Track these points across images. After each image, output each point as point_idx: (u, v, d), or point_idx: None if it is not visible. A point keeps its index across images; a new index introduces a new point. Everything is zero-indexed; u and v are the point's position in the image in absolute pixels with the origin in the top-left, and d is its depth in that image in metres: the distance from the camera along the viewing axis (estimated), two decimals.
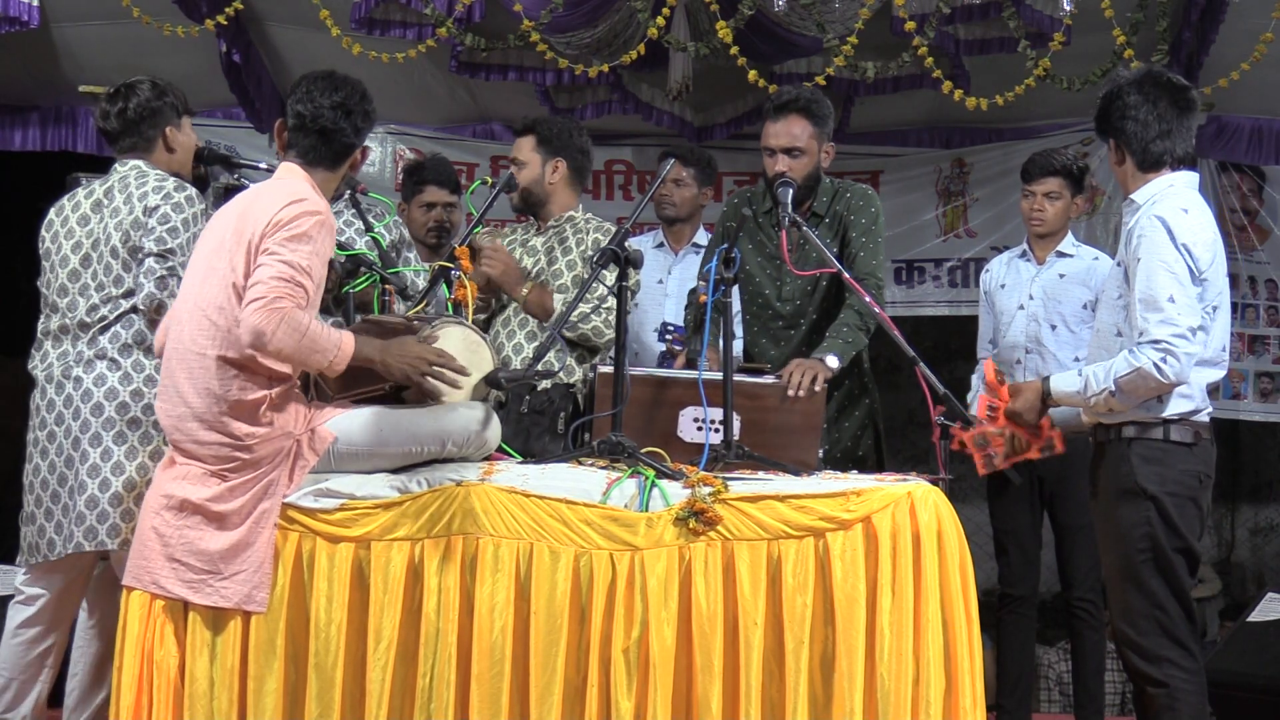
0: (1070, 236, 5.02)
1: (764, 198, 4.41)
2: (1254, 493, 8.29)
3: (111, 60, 5.96)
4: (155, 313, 3.80)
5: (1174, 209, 3.47)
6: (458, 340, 3.46)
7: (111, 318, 3.84)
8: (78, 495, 3.76)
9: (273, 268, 3.12)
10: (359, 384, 3.40)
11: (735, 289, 4.54)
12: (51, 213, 4.05)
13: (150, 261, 3.82)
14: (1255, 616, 5.20)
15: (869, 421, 4.41)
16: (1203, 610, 3.93)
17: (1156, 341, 3.37)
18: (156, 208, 3.85)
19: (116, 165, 4.04)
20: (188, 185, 3.99)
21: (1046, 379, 3.63)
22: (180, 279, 3.79)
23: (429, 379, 3.29)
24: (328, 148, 3.41)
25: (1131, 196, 3.63)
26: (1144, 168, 3.58)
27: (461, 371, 3.34)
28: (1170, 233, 3.43)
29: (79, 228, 3.93)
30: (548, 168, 4.54)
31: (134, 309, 3.85)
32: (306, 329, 3.10)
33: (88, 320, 3.84)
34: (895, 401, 7.34)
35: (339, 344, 3.19)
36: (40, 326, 3.96)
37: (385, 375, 3.31)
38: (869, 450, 4.39)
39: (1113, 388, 3.42)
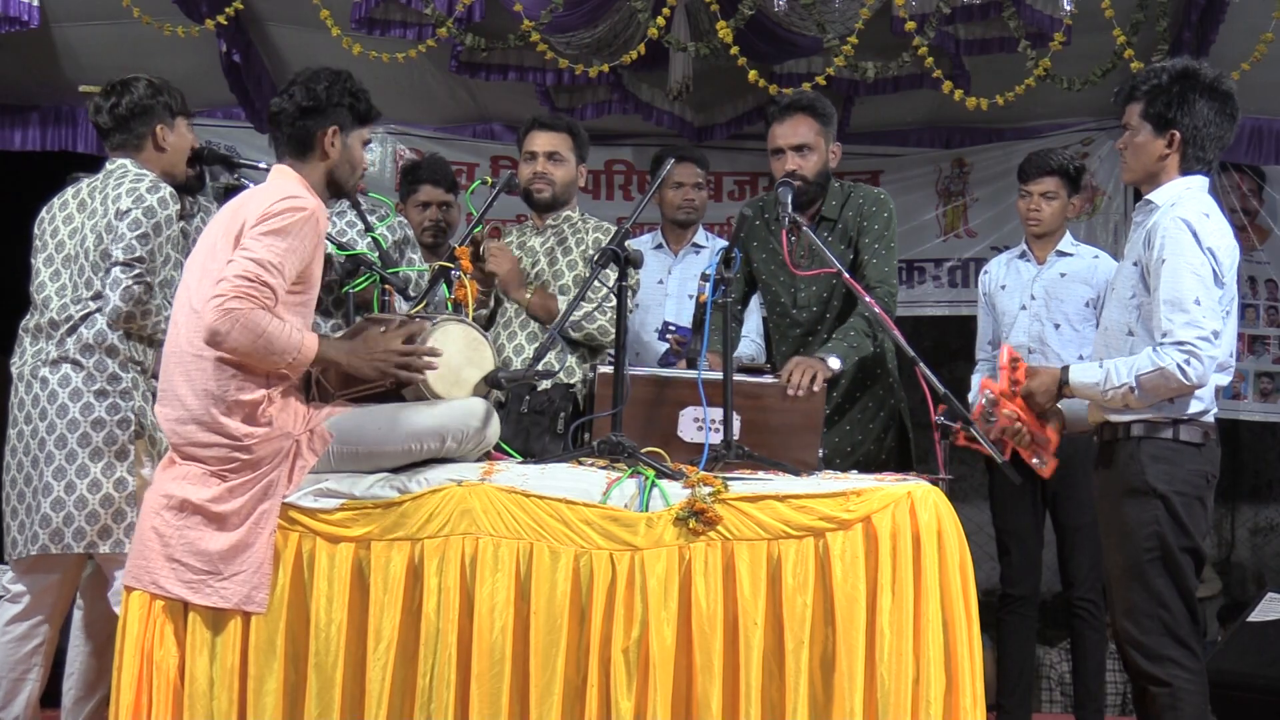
0: (1069, 235, 5.03)
1: (774, 204, 4.40)
2: (1254, 493, 8.29)
3: (111, 60, 5.97)
4: (123, 322, 3.80)
5: (1196, 213, 3.47)
6: (458, 338, 3.46)
7: (77, 318, 3.84)
8: (43, 497, 3.77)
9: (239, 264, 3.11)
10: (360, 381, 3.40)
11: (757, 298, 4.57)
12: (44, 210, 4.05)
13: (116, 271, 3.80)
14: (1255, 616, 5.20)
15: (892, 423, 4.39)
16: (1203, 610, 3.92)
17: (1181, 343, 3.37)
18: (127, 211, 3.83)
19: (106, 163, 4.03)
20: (163, 186, 3.95)
21: (1066, 367, 3.63)
22: (149, 285, 3.80)
23: (403, 371, 3.30)
24: (286, 137, 3.41)
25: (1149, 197, 3.62)
26: (1185, 168, 3.57)
27: (432, 354, 3.33)
28: (1196, 236, 3.43)
29: (64, 227, 3.94)
30: (579, 170, 4.60)
31: (98, 310, 3.84)
32: (263, 330, 3.09)
33: (56, 319, 3.85)
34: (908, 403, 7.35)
35: (299, 346, 3.18)
36: (23, 323, 3.97)
37: (357, 376, 3.31)
38: (891, 453, 4.37)
39: (1133, 384, 3.42)
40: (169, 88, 4.09)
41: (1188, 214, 3.45)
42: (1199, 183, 3.58)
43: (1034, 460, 3.70)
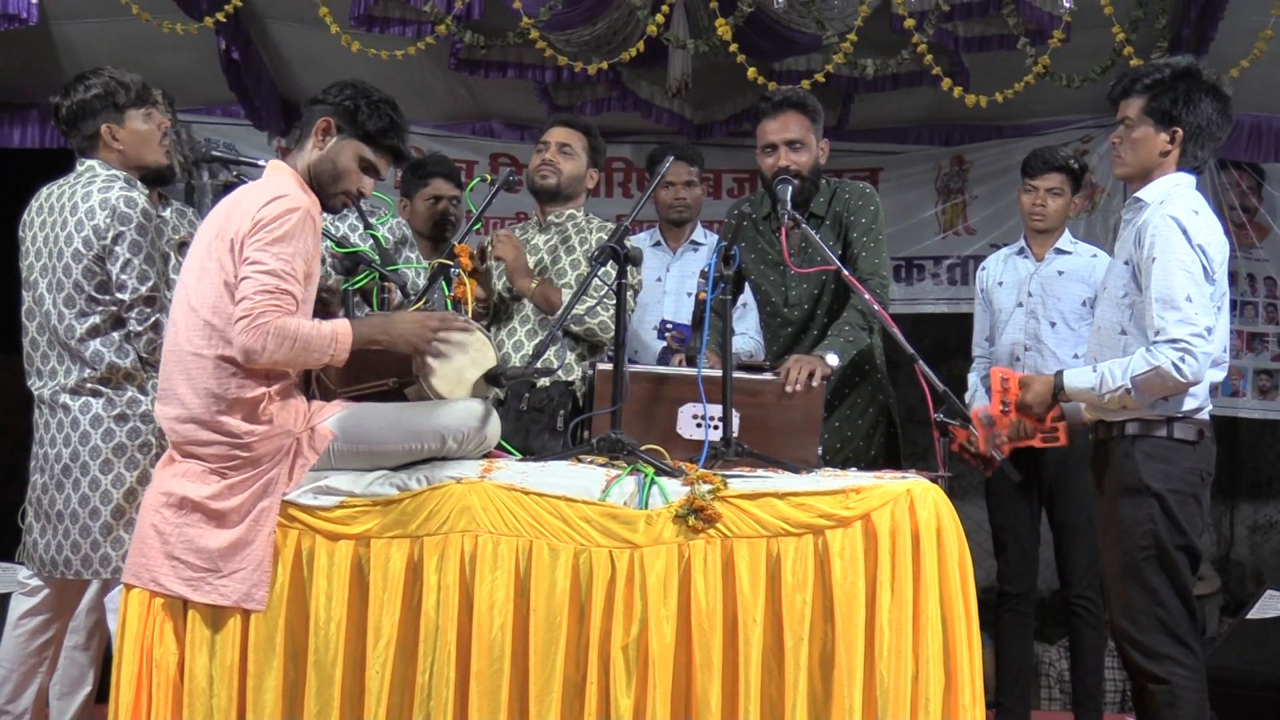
0: (1068, 234, 5.03)
1: (762, 202, 4.40)
2: (1253, 490, 8.29)
3: (110, 58, 5.93)
4: (159, 353, 3.79)
5: (1185, 209, 3.47)
6: (461, 339, 3.45)
7: (75, 348, 3.80)
8: (71, 523, 3.79)
9: (255, 280, 3.10)
10: (361, 379, 3.40)
11: (750, 295, 4.58)
12: (25, 214, 3.99)
13: (140, 308, 3.79)
14: (1254, 614, 5.21)
15: (881, 420, 4.40)
16: (1202, 607, 3.93)
17: (1175, 341, 3.37)
18: (121, 235, 3.77)
19: (76, 164, 3.98)
20: (133, 187, 3.89)
21: (1059, 373, 3.63)
22: (167, 308, 3.79)
23: (435, 345, 3.31)
24: (299, 124, 3.45)
25: (1138, 195, 3.62)
26: (1182, 166, 3.58)
27: (465, 329, 3.35)
28: (1186, 233, 3.43)
29: (40, 234, 3.89)
30: (589, 173, 4.62)
31: (101, 341, 3.81)
32: (297, 335, 3.09)
33: (64, 344, 3.81)
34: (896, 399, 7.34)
35: (334, 337, 3.18)
36: (28, 340, 3.94)
37: (392, 349, 3.30)
38: (880, 449, 4.38)
39: (1129, 385, 3.42)
40: (119, 83, 3.97)
41: (1177, 211, 3.46)
42: (1187, 180, 3.58)
43: (1044, 440, 3.69)
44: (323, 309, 3.87)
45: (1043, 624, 6.48)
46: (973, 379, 5.06)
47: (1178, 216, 3.44)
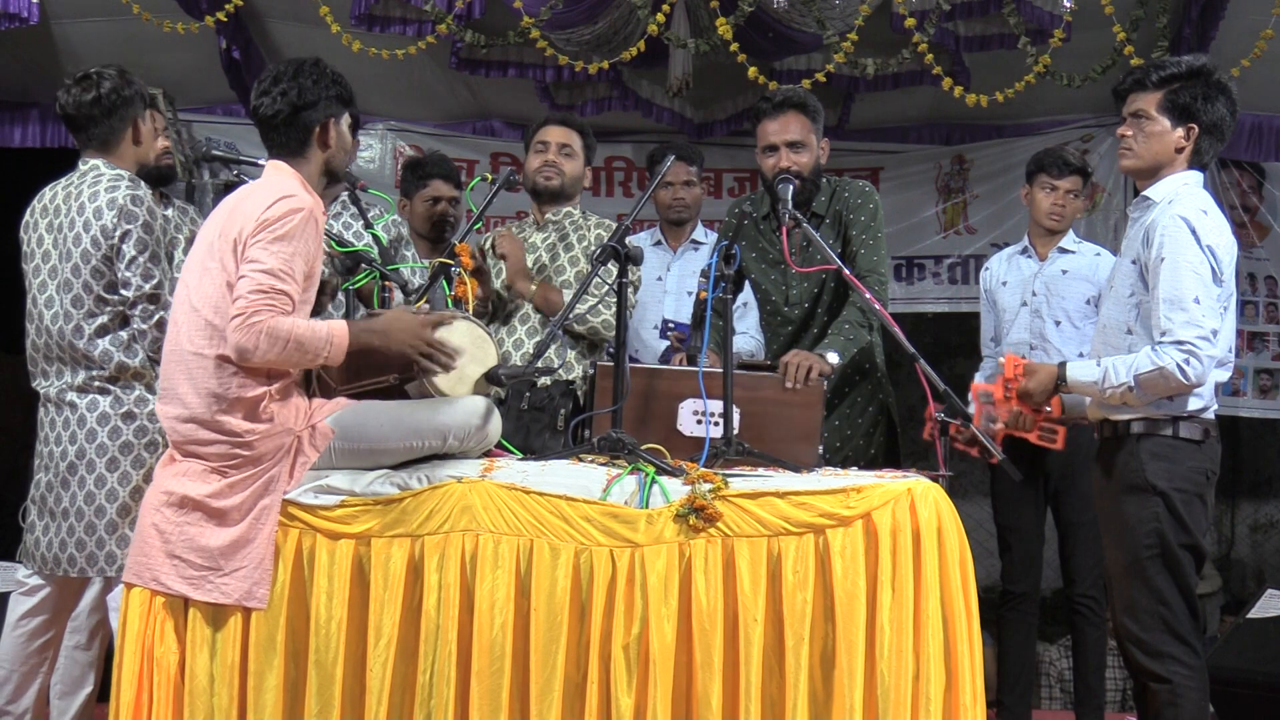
0: (1071, 233, 5.04)
1: (763, 201, 4.40)
2: (1254, 489, 8.29)
3: (111, 57, 5.90)
4: (161, 352, 3.79)
5: (1195, 210, 3.46)
6: (463, 335, 3.45)
7: (84, 348, 3.81)
8: (76, 520, 3.80)
9: (252, 279, 3.10)
10: (361, 377, 3.40)
11: (750, 294, 4.58)
12: (26, 214, 4.00)
13: (144, 305, 3.80)
14: (1255, 613, 5.21)
15: (881, 419, 4.40)
16: (1203, 607, 3.93)
17: (1181, 343, 3.37)
18: (128, 233, 3.78)
19: (79, 163, 3.97)
20: (139, 185, 3.90)
21: (1063, 364, 3.62)
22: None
23: (425, 360, 3.31)
24: (284, 137, 3.35)
25: (1146, 193, 3.61)
26: (1194, 163, 3.58)
27: (456, 352, 3.35)
28: (1195, 234, 3.42)
29: (47, 235, 3.89)
30: (585, 171, 4.64)
31: (109, 339, 3.81)
32: (290, 337, 3.09)
33: (70, 345, 3.82)
34: (895, 398, 7.35)
35: (329, 340, 3.18)
36: (29, 341, 3.94)
37: (386, 353, 3.30)
38: (880, 449, 4.38)
39: (1132, 383, 3.42)
40: (135, 77, 4.01)
41: (1186, 211, 3.45)
42: (1195, 178, 3.57)
43: (1040, 438, 3.69)
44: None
45: (1044, 623, 6.48)
46: (979, 379, 5.05)
47: (1187, 216, 3.43)
